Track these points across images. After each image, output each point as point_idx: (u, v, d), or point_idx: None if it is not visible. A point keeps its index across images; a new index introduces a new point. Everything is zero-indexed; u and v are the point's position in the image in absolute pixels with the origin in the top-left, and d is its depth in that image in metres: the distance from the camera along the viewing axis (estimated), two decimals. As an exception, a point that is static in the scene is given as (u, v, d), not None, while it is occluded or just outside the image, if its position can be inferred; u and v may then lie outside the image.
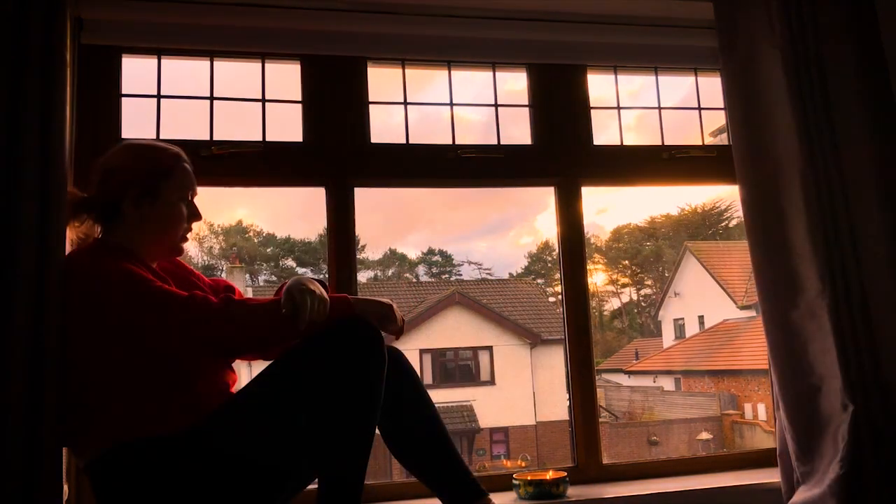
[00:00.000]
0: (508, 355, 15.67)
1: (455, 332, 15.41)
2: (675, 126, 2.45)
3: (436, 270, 27.21)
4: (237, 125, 2.14)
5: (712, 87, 2.34)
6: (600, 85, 2.41)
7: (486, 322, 15.84)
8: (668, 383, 17.59)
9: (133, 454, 1.39)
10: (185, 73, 2.25)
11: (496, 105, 2.29)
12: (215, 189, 2.08)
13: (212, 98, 2.08)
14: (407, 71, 2.22)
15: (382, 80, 2.24)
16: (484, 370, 15.80)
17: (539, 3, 2.19)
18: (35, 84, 1.54)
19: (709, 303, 18.49)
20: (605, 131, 2.36)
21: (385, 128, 2.40)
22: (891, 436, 1.80)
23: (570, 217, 2.23)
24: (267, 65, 2.12)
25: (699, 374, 16.62)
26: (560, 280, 2.25)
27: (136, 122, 1.97)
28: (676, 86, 2.93)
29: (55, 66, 1.57)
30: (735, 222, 24.07)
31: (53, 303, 1.45)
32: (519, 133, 2.27)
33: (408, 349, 3.34)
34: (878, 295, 1.87)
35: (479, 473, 1.85)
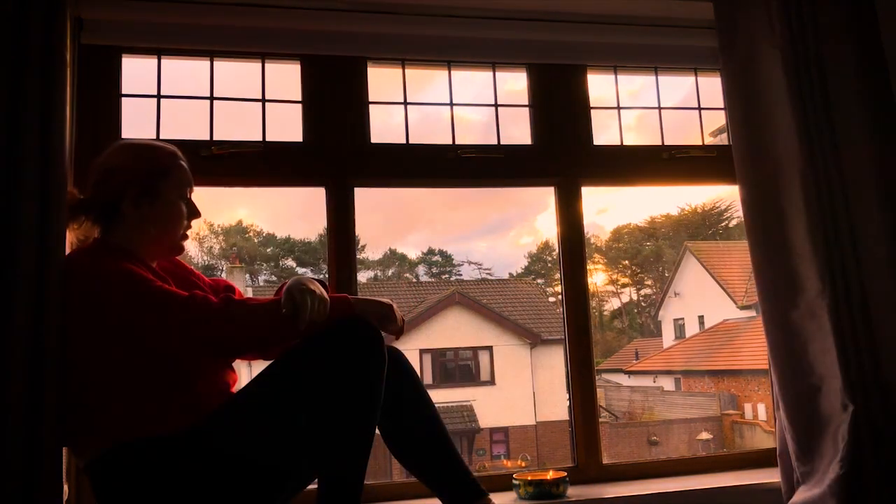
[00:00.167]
0: (508, 355, 15.67)
1: (455, 332, 15.41)
2: (675, 126, 2.45)
3: (436, 270, 27.23)
4: (237, 125, 2.14)
5: (712, 87, 2.34)
6: (600, 85, 2.41)
7: (486, 322, 15.84)
8: (668, 383, 17.58)
9: (133, 454, 1.39)
10: (185, 73, 2.25)
11: (496, 105, 2.29)
12: (215, 189, 2.08)
13: (212, 98, 2.08)
14: (407, 71, 2.22)
15: (382, 80, 2.24)
16: (484, 370, 15.80)
17: (539, 3, 2.19)
18: (35, 84, 1.54)
19: (709, 303, 18.49)
20: (606, 131, 2.36)
21: (385, 128, 2.40)
22: (891, 436, 1.79)
23: (570, 217, 2.23)
24: (267, 65, 2.12)
25: (699, 374, 16.61)
26: (560, 280, 2.25)
27: (135, 122, 1.97)
28: (676, 86, 2.93)
29: (55, 66, 1.57)
30: (735, 222, 24.08)
31: (53, 303, 1.44)
32: (519, 133, 2.27)
33: (408, 349, 3.34)
34: (878, 295, 1.87)
35: (479, 473, 1.85)
